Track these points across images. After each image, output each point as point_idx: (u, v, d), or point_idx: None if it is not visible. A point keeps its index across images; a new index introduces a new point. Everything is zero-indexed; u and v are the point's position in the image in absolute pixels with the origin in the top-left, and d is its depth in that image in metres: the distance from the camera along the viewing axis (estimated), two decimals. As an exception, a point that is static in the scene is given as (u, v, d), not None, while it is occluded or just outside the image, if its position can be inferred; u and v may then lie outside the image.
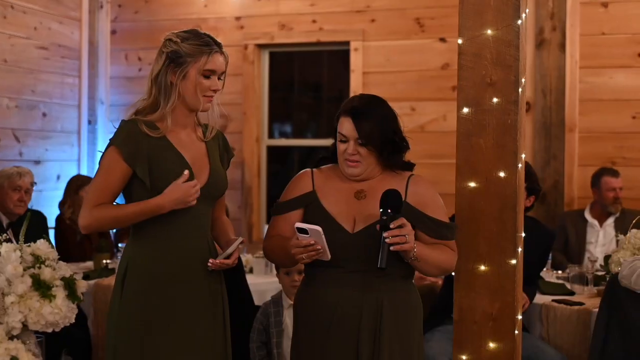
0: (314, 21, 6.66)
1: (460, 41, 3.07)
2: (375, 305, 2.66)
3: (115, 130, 2.75)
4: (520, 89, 3.03)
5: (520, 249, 3.10)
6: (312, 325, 2.71)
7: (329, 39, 6.66)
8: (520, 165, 3.06)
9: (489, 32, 3.04)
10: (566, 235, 5.77)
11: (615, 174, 5.73)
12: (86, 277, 4.74)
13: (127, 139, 2.69)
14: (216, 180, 2.81)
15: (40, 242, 2.47)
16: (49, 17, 6.61)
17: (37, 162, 6.46)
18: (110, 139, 2.74)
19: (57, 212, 6.00)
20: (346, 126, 2.70)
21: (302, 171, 2.88)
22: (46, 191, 6.45)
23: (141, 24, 7.14)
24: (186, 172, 2.69)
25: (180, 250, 2.73)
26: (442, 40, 6.39)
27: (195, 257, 2.75)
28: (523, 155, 3.14)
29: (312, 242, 2.56)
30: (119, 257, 4.78)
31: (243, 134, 6.81)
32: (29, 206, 5.17)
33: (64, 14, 6.79)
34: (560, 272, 4.95)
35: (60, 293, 2.36)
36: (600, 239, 5.76)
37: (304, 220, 2.74)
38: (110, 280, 4.51)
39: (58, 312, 2.35)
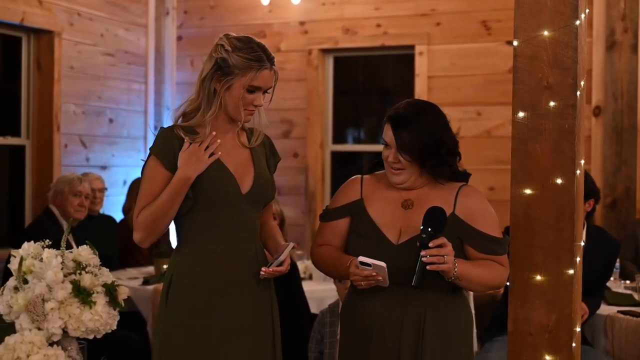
0: (378, 25, 6.61)
1: (515, 43, 2.97)
2: (418, 320, 2.60)
3: (154, 137, 2.73)
4: (578, 92, 2.92)
5: (579, 259, 2.98)
6: (355, 337, 2.67)
7: (393, 43, 6.61)
8: (578, 171, 2.94)
9: (546, 33, 2.94)
10: (637, 244, 5.56)
11: None
12: (146, 282, 4.77)
13: (164, 146, 2.67)
14: (261, 185, 2.76)
15: (82, 248, 2.47)
16: (116, 24, 6.72)
17: (104, 168, 6.57)
18: (149, 148, 2.72)
19: (123, 217, 6.09)
20: (387, 133, 2.68)
21: (352, 177, 2.84)
22: (113, 196, 6.55)
23: (207, 30, 7.19)
24: (187, 138, 2.64)
25: (225, 258, 2.70)
26: (509, 43, 6.23)
27: (242, 265, 2.71)
28: (582, 162, 3.02)
29: (374, 273, 2.53)
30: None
31: (307, 140, 6.80)
32: (101, 211, 5.24)
33: (130, 20, 6.90)
34: (628, 282, 4.76)
35: (100, 299, 2.35)
36: (674, 247, 5.55)
37: (350, 230, 2.72)
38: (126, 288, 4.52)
39: (98, 318, 2.35)
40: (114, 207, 6.48)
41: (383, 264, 2.49)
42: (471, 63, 6.33)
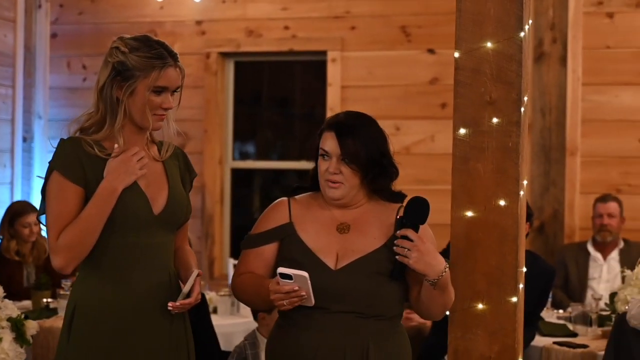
0: (286, 27, 6.77)
1: (456, 54, 3.18)
2: (361, 351, 2.72)
3: (54, 151, 2.76)
4: (522, 109, 3.15)
5: (521, 286, 3.21)
6: (290, 374, 2.76)
7: (303, 48, 6.78)
8: (522, 192, 3.18)
9: (489, 45, 3.15)
10: (566, 271, 5.93)
11: (605, 199, 5.94)
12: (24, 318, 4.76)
13: (68, 159, 2.71)
14: (176, 205, 2.83)
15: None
16: (-20, 17, 6.65)
17: (-36, 185, 6.47)
18: (49, 163, 2.75)
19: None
20: (329, 142, 2.78)
21: (277, 200, 2.93)
22: (-26, 217, 6.44)
23: (86, 26, 7.20)
24: (116, 145, 2.71)
25: (135, 286, 2.75)
26: (431, 51, 6.54)
27: (154, 294, 2.77)
28: (525, 182, 3.26)
29: (296, 287, 2.61)
30: (62, 295, 4.85)
31: (204, 155, 6.88)
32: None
33: (-3, 14, 6.83)
34: (561, 311, 5.09)
35: (7, 336, 2.39)
36: (604, 274, 5.93)
37: (279, 256, 2.81)
38: (52, 322, 4.53)
39: (5, 357, 2.38)
40: (-24, 230, 6.38)
41: (305, 273, 2.58)
42: (389, 72, 6.58)
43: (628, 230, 6.00)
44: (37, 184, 7.03)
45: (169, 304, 2.74)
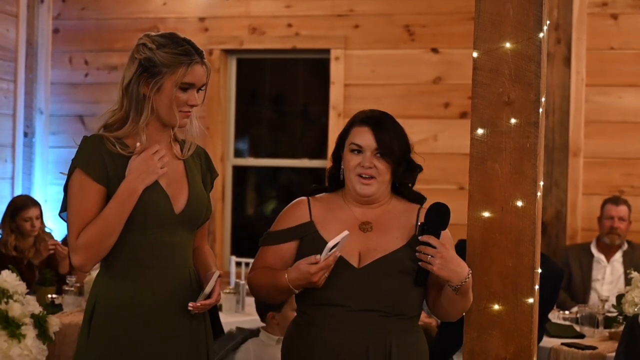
0: (289, 25, 6.76)
1: (475, 55, 3.18)
2: (384, 350, 2.73)
3: (77, 148, 2.77)
4: (541, 109, 3.14)
5: (537, 287, 3.20)
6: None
7: (306, 46, 6.76)
8: (539, 194, 3.16)
9: (508, 45, 3.15)
10: (570, 272, 5.93)
11: (617, 201, 5.93)
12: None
13: (91, 157, 2.72)
14: (196, 203, 2.84)
15: (6, 274, 2.49)
16: (-18, 11, 6.62)
17: (-35, 180, 6.43)
18: (72, 160, 2.76)
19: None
20: (364, 136, 2.80)
21: (297, 199, 2.94)
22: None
23: (89, 22, 7.17)
24: (138, 144, 2.72)
25: (156, 284, 2.76)
26: (434, 50, 6.53)
27: (175, 292, 2.78)
28: (541, 183, 3.25)
29: (337, 253, 2.66)
30: (67, 291, 4.81)
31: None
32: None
33: (-1, 8, 6.80)
34: (567, 312, 5.08)
35: (30, 332, 2.38)
36: (607, 275, 5.93)
37: (299, 255, 2.81)
38: (59, 319, 4.50)
39: (28, 354, 2.37)
40: (-23, 226, 6.34)
41: (345, 232, 2.65)
42: (393, 71, 6.57)
43: (631, 232, 6.00)
44: (38, 179, 7.01)
45: (190, 304, 2.75)
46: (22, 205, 5.65)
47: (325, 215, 2.86)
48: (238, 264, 6.39)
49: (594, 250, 5.98)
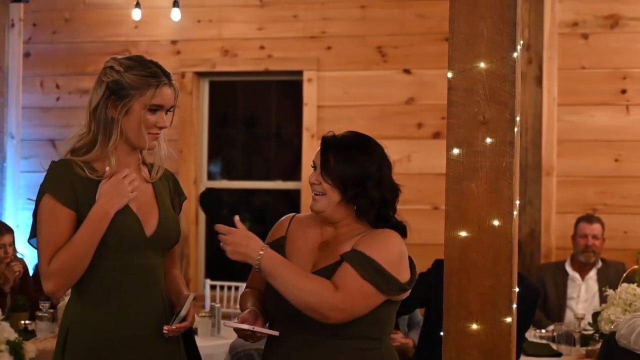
0: (262, 47, 6.77)
1: (450, 75, 3.18)
2: None
3: (45, 173, 2.75)
4: (516, 129, 3.15)
5: (515, 306, 3.20)
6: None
7: (278, 68, 6.79)
8: (515, 212, 3.17)
9: (482, 65, 3.15)
10: (545, 290, 5.94)
11: (590, 219, 5.97)
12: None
13: (60, 182, 2.71)
14: (167, 226, 2.84)
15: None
16: (-50, 35, 6.56)
17: None
18: (40, 185, 2.74)
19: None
20: (317, 154, 2.84)
21: (285, 215, 2.99)
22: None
23: (60, 46, 7.15)
24: (107, 167, 2.71)
25: (129, 308, 2.75)
26: (407, 71, 6.55)
27: (148, 317, 2.77)
28: (517, 202, 3.26)
29: (252, 329, 2.70)
30: (40, 317, 4.76)
31: (179, 175, 6.80)
32: None
33: (-32, 32, 6.74)
34: (543, 331, 5.09)
35: (5, 359, 2.34)
36: (582, 293, 5.95)
37: None
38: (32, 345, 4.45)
39: (3, 380, 2.33)
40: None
41: (247, 326, 2.69)
42: (365, 92, 6.59)
43: (604, 249, 6.03)
44: (10, 204, 6.93)
45: (165, 327, 2.75)
46: None
47: (298, 231, 2.89)
48: (213, 287, 6.36)
49: (568, 268, 6.00)
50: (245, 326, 2.67)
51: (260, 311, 2.83)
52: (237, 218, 2.70)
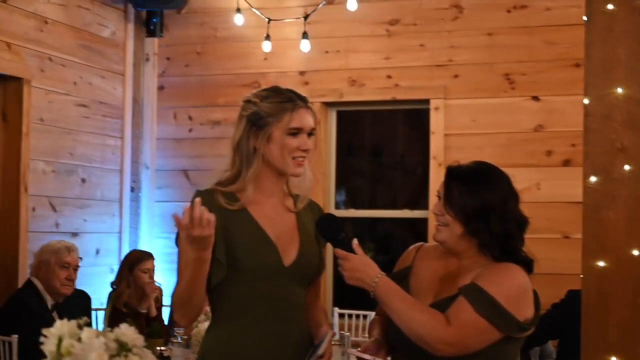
0: (388, 77, 6.77)
1: (586, 101, 3.13)
2: None
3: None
4: (656, 155, 3.06)
5: (655, 338, 3.09)
6: None
7: (405, 97, 6.76)
8: (656, 242, 3.07)
9: (619, 90, 3.09)
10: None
11: None
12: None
13: None
14: (307, 257, 2.82)
15: (125, 327, 2.51)
16: (90, 70, 6.80)
17: (75, 234, 6.57)
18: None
19: (96, 291, 6.08)
20: (441, 183, 2.81)
21: (414, 245, 2.98)
22: (84, 267, 6.53)
23: (192, 78, 7.31)
24: (186, 205, 2.59)
25: (265, 339, 2.74)
26: (535, 98, 6.44)
27: (284, 348, 2.75)
28: (658, 231, 3.15)
29: (372, 359, 2.70)
30: (174, 343, 4.85)
31: (307, 204, 6.87)
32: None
33: (107, 67, 6.99)
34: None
35: (146, 387, 2.37)
36: None
37: None
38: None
39: (141, 410, 2.36)
40: (85, 279, 6.45)
41: (365, 355, 2.70)
42: (493, 120, 6.50)
43: None
44: (144, 232, 7.15)
45: None
46: (140, 257, 5.78)
47: (423, 262, 2.86)
48: (341, 316, 6.36)
49: None
50: (367, 356, 2.68)
51: (386, 340, 2.82)
52: (355, 242, 2.69)
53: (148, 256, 5.76)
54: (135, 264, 5.69)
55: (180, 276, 2.72)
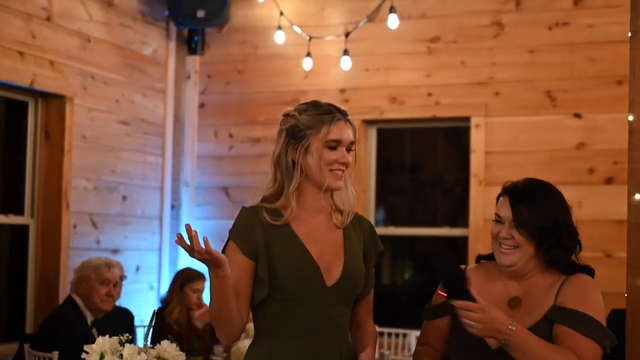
0: (429, 94, 6.75)
1: (631, 118, 3.07)
2: None
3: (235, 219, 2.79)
4: (702, 174, 3.00)
5: None
6: None
7: (446, 114, 6.73)
8: None
9: (665, 107, 3.03)
10: None
11: None
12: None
13: (243, 229, 2.73)
14: (351, 276, 2.76)
15: (166, 344, 2.52)
16: (132, 88, 6.86)
17: (115, 251, 6.61)
18: (229, 231, 2.78)
19: (136, 308, 6.10)
20: (503, 207, 2.76)
21: None
22: (123, 284, 6.56)
23: (233, 96, 7.34)
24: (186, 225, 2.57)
25: (306, 357, 2.71)
26: (577, 116, 6.39)
27: None
28: None
29: None
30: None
31: (346, 221, 6.86)
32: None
33: (148, 85, 7.04)
34: None
35: (183, 401, 2.37)
36: None
37: (451, 329, 2.79)
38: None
39: None
40: (125, 296, 6.48)
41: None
42: (534, 138, 6.45)
43: None
44: (184, 250, 7.13)
45: None
46: (193, 276, 5.80)
47: (477, 287, 2.74)
48: (380, 334, 6.32)
49: None
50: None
51: None
52: (473, 291, 2.58)
53: (200, 277, 5.78)
54: (186, 282, 5.72)
55: (210, 292, 2.71)
